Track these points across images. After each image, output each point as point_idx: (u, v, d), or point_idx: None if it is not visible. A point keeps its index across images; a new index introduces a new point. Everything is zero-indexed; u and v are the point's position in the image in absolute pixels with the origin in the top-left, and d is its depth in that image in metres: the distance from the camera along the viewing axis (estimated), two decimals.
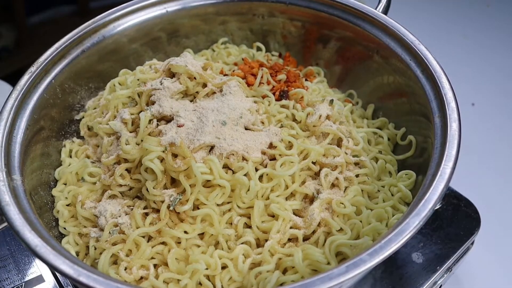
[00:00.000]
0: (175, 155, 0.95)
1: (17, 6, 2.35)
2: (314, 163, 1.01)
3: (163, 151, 0.94)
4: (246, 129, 1.03)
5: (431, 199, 0.80)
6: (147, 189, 0.95)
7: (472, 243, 1.16)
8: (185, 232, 0.93)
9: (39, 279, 1.03)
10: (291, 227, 0.93)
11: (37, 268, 1.05)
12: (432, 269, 1.07)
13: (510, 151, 1.60)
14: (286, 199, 0.98)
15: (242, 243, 0.93)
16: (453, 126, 0.91)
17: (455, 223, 1.15)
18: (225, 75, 1.16)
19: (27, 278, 1.03)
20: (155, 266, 0.92)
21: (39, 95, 1.08)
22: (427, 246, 1.10)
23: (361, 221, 0.95)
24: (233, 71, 1.19)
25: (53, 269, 0.78)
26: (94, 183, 1.04)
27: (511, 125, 1.69)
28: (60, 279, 1.03)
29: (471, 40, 2.04)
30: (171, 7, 1.27)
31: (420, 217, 0.78)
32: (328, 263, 0.88)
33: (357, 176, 1.03)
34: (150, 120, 1.02)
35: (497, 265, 1.32)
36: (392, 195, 1.01)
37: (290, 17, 1.30)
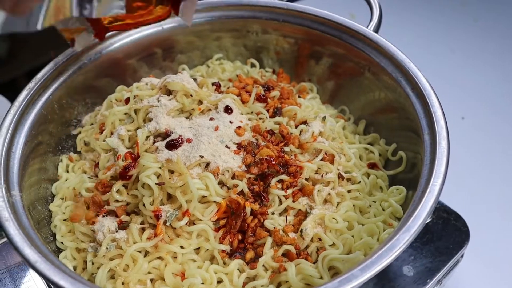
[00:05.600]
0: (171, 171, 0.97)
1: None
2: (307, 179, 1.03)
3: (160, 168, 0.96)
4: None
5: (421, 215, 0.83)
6: (143, 205, 0.96)
7: (462, 256, 1.18)
8: (182, 247, 0.95)
9: None
10: (285, 242, 0.95)
11: (33, 282, 1.06)
12: (423, 282, 1.09)
13: (499, 164, 1.63)
14: (280, 214, 1.00)
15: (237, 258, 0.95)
16: (442, 144, 0.93)
17: (445, 236, 1.17)
18: (220, 92, 1.18)
19: None
20: (151, 280, 0.94)
21: (37, 111, 1.09)
22: (417, 260, 1.12)
23: (353, 236, 0.97)
24: (228, 88, 1.21)
25: (53, 284, 0.79)
26: None
27: (500, 138, 1.72)
28: None
29: (458, 54, 2.08)
30: (167, 24, 1.29)
31: (410, 233, 0.80)
32: (321, 278, 0.90)
33: (349, 191, 1.05)
34: (146, 137, 1.04)
35: (486, 278, 1.34)
36: (383, 210, 1.04)
37: (283, 34, 1.33)
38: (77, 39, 1.00)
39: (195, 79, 1.17)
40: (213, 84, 1.19)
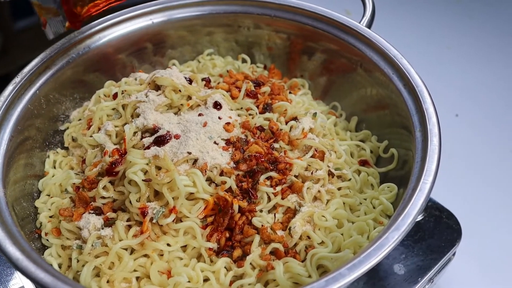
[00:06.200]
0: (158, 168, 0.95)
1: (4, 12, 2.34)
2: (296, 176, 1.02)
3: (147, 164, 0.95)
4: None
5: (411, 214, 0.81)
6: (130, 202, 0.95)
7: (454, 254, 1.17)
8: (168, 244, 0.93)
9: None
10: (272, 240, 0.93)
11: (19, 280, 1.04)
12: (414, 281, 1.08)
13: (492, 162, 1.62)
14: (269, 212, 0.98)
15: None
16: (433, 141, 0.92)
17: (437, 234, 1.16)
18: (210, 87, 1.17)
19: None
20: (137, 278, 0.92)
21: (23, 106, 1.08)
22: (409, 258, 1.11)
23: (342, 234, 0.96)
24: (218, 83, 1.20)
25: (34, 282, 0.78)
26: None
27: (494, 136, 1.71)
28: None
29: (453, 52, 2.07)
30: (156, 18, 1.28)
31: (400, 232, 0.79)
32: (309, 276, 0.89)
33: (339, 189, 1.04)
34: (134, 133, 1.03)
35: (478, 276, 1.33)
36: (374, 207, 1.03)
37: (276, 29, 1.31)
38: (49, 23, 0.98)
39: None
40: (203, 79, 1.17)
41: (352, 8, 1.83)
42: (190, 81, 1.13)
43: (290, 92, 1.24)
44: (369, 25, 1.19)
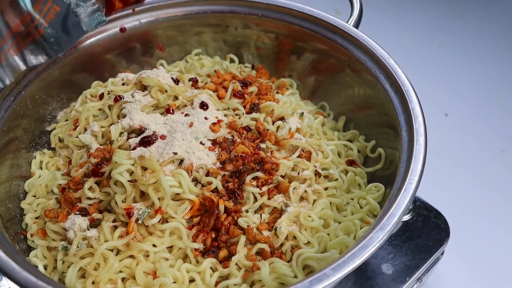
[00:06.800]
0: (144, 168, 0.95)
1: None
2: (283, 176, 1.01)
3: (133, 164, 0.94)
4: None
5: (396, 214, 0.81)
6: (116, 202, 0.94)
7: (442, 254, 1.17)
8: (154, 245, 0.93)
9: None
10: (258, 241, 0.93)
11: (6, 281, 1.04)
12: (402, 280, 1.08)
13: (481, 161, 1.63)
14: (255, 212, 0.98)
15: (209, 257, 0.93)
16: (419, 141, 0.92)
17: (425, 234, 1.16)
18: (197, 87, 1.16)
19: None
20: (123, 279, 0.92)
21: (8, 106, 1.07)
22: (397, 257, 1.11)
23: (328, 234, 0.96)
24: (205, 83, 1.19)
25: (18, 284, 0.77)
26: None
27: (483, 135, 1.71)
28: None
29: (444, 51, 2.07)
30: (144, 18, 1.27)
31: (384, 232, 0.79)
32: (295, 277, 0.88)
33: (326, 189, 1.04)
34: (120, 133, 1.02)
35: (467, 275, 1.34)
36: (361, 207, 1.02)
37: (264, 29, 1.31)
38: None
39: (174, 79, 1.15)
40: (190, 79, 1.17)
41: (341, 7, 1.83)
42: (177, 82, 1.12)
43: (277, 92, 1.24)
44: (356, 25, 1.19)
